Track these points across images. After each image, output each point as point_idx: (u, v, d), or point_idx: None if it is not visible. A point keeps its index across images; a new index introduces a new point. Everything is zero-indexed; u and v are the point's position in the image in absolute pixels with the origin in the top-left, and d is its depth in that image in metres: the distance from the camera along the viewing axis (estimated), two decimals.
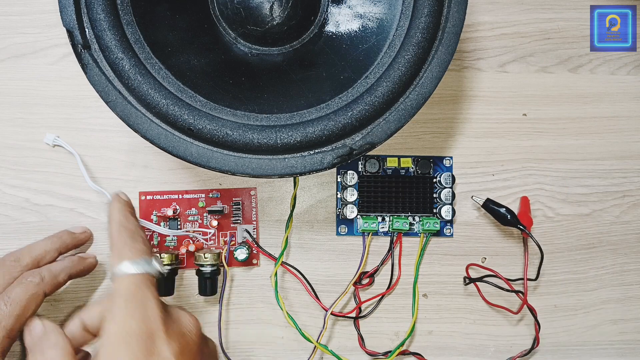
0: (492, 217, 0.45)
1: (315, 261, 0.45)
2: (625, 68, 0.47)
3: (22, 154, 0.44)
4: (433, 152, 0.46)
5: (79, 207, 0.45)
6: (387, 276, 0.45)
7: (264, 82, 0.39)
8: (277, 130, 0.34)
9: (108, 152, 0.45)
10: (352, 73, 0.37)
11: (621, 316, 0.46)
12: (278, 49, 0.41)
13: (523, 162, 0.46)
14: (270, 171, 0.35)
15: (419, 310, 0.45)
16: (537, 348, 0.45)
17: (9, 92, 0.45)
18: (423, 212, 0.45)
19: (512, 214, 0.44)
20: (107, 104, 0.34)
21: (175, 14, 0.39)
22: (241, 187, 0.45)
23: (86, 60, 0.34)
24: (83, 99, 0.45)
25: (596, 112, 0.47)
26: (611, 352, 0.46)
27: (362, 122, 0.35)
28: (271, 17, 0.39)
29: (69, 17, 0.34)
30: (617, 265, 0.46)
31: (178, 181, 0.45)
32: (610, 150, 0.47)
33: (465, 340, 0.46)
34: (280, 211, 0.45)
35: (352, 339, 0.45)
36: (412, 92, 0.35)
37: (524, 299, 0.44)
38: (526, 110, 0.47)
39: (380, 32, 0.37)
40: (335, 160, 0.35)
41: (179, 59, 0.37)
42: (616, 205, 0.47)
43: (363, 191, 0.45)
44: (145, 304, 0.32)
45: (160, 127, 0.34)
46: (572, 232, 0.46)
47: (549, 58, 0.47)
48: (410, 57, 0.35)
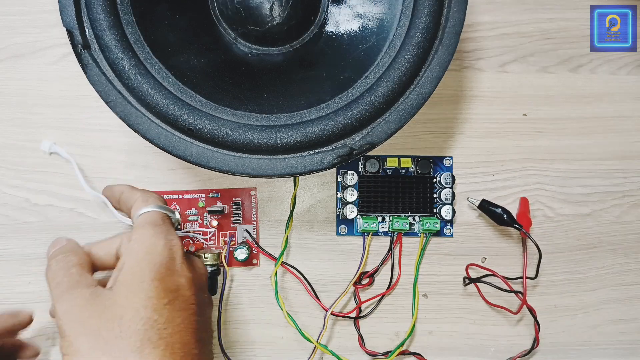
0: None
1: (315, 261, 0.45)
2: (626, 68, 0.47)
3: (22, 154, 0.44)
4: (433, 152, 0.46)
5: (79, 207, 0.45)
6: (387, 276, 0.45)
7: (264, 82, 0.39)
8: (277, 130, 0.34)
9: (108, 152, 0.45)
10: (352, 73, 0.37)
11: (621, 316, 0.46)
12: (278, 49, 0.41)
13: (523, 162, 0.46)
14: (270, 171, 0.35)
15: (419, 310, 0.45)
16: (537, 348, 0.45)
17: (9, 92, 0.45)
18: (423, 212, 0.45)
19: (509, 213, 0.44)
20: (107, 104, 0.34)
21: (175, 14, 0.39)
22: (241, 187, 0.45)
23: (86, 60, 0.34)
24: (83, 99, 0.45)
25: (596, 112, 0.47)
26: (611, 352, 0.46)
27: (362, 122, 0.35)
28: (271, 17, 0.39)
29: (69, 17, 0.34)
30: (617, 265, 0.46)
31: (178, 181, 0.45)
32: (610, 150, 0.47)
33: (466, 341, 0.46)
34: (280, 211, 0.45)
35: (352, 339, 0.45)
36: (412, 92, 0.35)
37: (523, 299, 0.44)
38: (526, 110, 0.47)
39: (380, 32, 0.37)
40: (335, 160, 0.35)
41: (179, 59, 0.37)
42: (616, 205, 0.47)
43: (363, 191, 0.45)
44: (169, 231, 0.34)
45: (160, 127, 0.34)
46: (572, 232, 0.46)
47: (549, 58, 0.47)
48: (410, 57, 0.35)
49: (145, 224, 0.34)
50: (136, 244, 0.33)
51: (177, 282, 0.32)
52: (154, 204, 0.35)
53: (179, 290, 0.32)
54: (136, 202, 0.36)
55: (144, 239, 0.33)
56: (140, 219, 0.34)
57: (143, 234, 0.33)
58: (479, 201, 0.45)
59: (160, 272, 0.32)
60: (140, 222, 0.34)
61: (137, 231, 0.34)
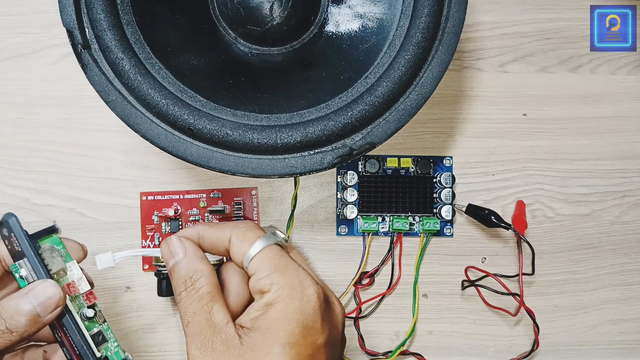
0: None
1: (316, 261, 0.45)
2: (626, 68, 0.47)
3: (22, 154, 0.44)
4: (433, 152, 0.46)
5: (79, 207, 0.45)
6: (387, 276, 0.45)
7: (264, 82, 0.39)
8: (277, 130, 0.34)
9: (108, 152, 0.45)
10: (352, 73, 0.37)
11: (621, 316, 0.46)
12: (278, 49, 0.41)
13: (523, 162, 0.46)
14: (270, 171, 0.35)
15: (419, 310, 0.45)
16: (537, 349, 0.45)
17: (9, 92, 0.45)
18: (423, 212, 0.45)
19: (495, 214, 0.43)
20: (107, 104, 0.34)
21: (175, 14, 0.39)
22: (242, 187, 0.45)
23: (86, 60, 0.34)
24: (83, 99, 0.45)
25: (596, 112, 0.47)
26: (611, 352, 0.46)
27: (362, 122, 0.35)
28: (271, 17, 0.39)
29: (69, 17, 0.34)
30: (617, 265, 0.46)
31: (178, 181, 0.45)
32: (610, 150, 0.47)
33: (466, 341, 0.46)
34: (280, 211, 0.45)
35: (352, 339, 0.45)
36: (412, 92, 0.35)
37: (520, 301, 0.44)
38: (526, 110, 0.47)
39: (380, 32, 0.37)
40: (335, 160, 0.35)
41: (179, 59, 0.37)
42: (616, 205, 0.47)
43: (363, 191, 0.45)
44: (305, 273, 0.31)
45: (160, 127, 0.34)
46: (572, 232, 0.46)
47: (549, 58, 0.47)
48: (410, 57, 0.35)
49: (277, 267, 0.30)
50: (286, 291, 0.30)
51: (315, 346, 0.30)
52: (257, 240, 0.31)
53: (314, 356, 0.30)
54: (233, 243, 0.32)
55: (293, 287, 0.30)
56: (258, 262, 0.31)
57: (289, 279, 0.30)
58: (465, 206, 0.45)
59: (303, 335, 0.29)
60: (262, 265, 0.31)
61: (276, 277, 0.30)
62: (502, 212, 0.46)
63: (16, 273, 0.31)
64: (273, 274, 0.30)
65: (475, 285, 0.45)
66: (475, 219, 0.45)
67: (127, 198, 0.45)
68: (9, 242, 0.32)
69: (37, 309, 0.29)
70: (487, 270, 0.45)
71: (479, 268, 0.45)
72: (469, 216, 0.45)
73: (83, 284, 0.32)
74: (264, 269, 0.30)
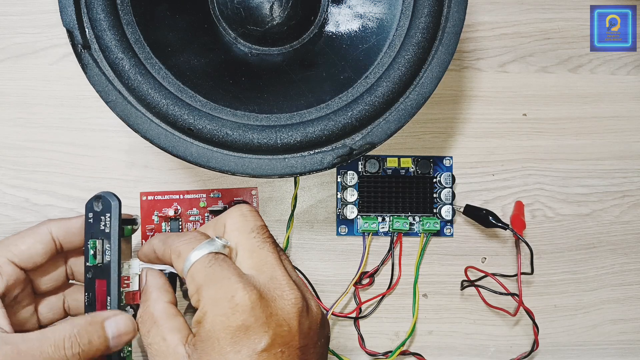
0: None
1: (316, 261, 0.45)
2: (625, 68, 0.47)
3: (22, 154, 0.44)
4: (433, 152, 0.46)
5: (79, 207, 0.45)
6: (387, 276, 0.45)
7: (264, 82, 0.39)
8: (277, 130, 0.34)
9: (108, 152, 0.45)
10: (352, 73, 0.37)
11: (621, 316, 0.46)
12: (278, 49, 0.41)
13: (523, 162, 0.46)
14: (270, 171, 0.35)
15: (419, 310, 0.45)
16: (536, 349, 0.45)
17: (9, 92, 0.45)
18: (423, 212, 0.45)
19: (493, 215, 0.43)
20: (107, 104, 0.34)
21: (175, 14, 0.39)
22: (242, 187, 0.45)
23: (86, 60, 0.34)
24: (83, 99, 0.45)
25: (596, 112, 0.47)
26: (611, 352, 0.46)
27: (362, 122, 0.35)
28: (271, 17, 0.39)
29: (69, 17, 0.34)
30: (617, 265, 0.46)
31: (178, 181, 0.45)
32: (610, 150, 0.47)
33: (466, 341, 0.46)
34: (280, 211, 0.45)
35: (352, 339, 0.45)
36: (412, 92, 0.35)
37: (519, 301, 0.44)
38: (526, 110, 0.47)
39: (380, 32, 0.37)
40: (335, 160, 0.35)
41: (179, 59, 0.37)
42: (616, 205, 0.47)
43: (363, 191, 0.45)
44: (228, 287, 0.30)
45: (160, 127, 0.34)
46: (572, 232, 0.46)
47: (549, 58, 0.47)
48: (410, 57, 0.35)
49: (204, 279, 0.31)
50: (210, 306, 0.30)
51: (257, 351, 0.29)
52: (192, 251, 0.31)
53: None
54: (172, 260, 0.33)
55: (217, 300, 0.30)
56: (189, 277, 0.31)
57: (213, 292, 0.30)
58: (463, 207, 0.45)
59: (240, 345, 0.29)
60: (192, 280, 0.31)
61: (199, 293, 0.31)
62: (502, 212, 0.46)
63: (91, 249, 0.32)
64: (200, 288, 0.31)
65: (475, 285, 0.45)
66: (473, 220, 0.45)
67: (127, 198, 0.45)
68: (95, 218, 0.32)
69: (111, 342, 0.32)
70: (486, 271, 0.45)
71: (479, 268, 0.45)
72: (467, 217, 0.45)
73: (135, 282, 0.33)
74: (193, 284, 0.31)
